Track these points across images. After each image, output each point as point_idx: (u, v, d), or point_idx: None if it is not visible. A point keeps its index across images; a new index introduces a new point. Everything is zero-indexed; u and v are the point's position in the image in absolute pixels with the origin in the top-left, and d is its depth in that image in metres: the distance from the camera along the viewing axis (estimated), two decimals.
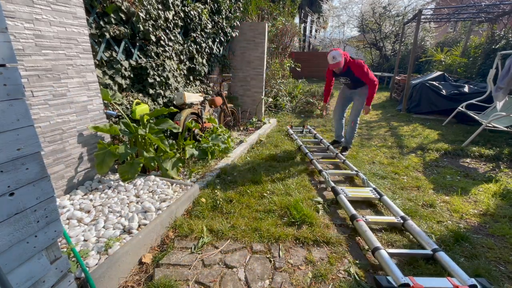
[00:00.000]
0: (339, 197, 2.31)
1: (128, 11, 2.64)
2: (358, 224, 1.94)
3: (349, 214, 2.09)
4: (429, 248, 1.71)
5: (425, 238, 1.79)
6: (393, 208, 2.16)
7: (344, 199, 2.26)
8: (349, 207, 2.15)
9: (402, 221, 1.99)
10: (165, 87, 3.32)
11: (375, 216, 2.12)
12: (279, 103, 6.39)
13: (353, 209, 2.10)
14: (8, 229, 0.88)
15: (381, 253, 1.63)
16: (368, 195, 2.39)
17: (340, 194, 2.33)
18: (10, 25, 1.63)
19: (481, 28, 8.62)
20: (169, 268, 1.62)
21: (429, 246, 1.72)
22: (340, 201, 2.28)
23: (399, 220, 2.01)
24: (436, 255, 1.65)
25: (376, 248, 1.67)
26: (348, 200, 2.27)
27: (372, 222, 2.02)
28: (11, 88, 0.86)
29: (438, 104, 5.66)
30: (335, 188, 2.46)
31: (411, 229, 1.91)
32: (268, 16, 6.98)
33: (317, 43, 21.30)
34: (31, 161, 0.93)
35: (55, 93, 1.95)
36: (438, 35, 13.20)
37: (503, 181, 2.78)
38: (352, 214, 2.04)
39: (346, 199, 2.27)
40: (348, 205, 2.18)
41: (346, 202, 2.22)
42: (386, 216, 2.16)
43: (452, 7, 6.36)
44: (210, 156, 3.08)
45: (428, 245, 1.74)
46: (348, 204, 2.18)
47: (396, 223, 2.01)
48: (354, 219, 1.99)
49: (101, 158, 2.20)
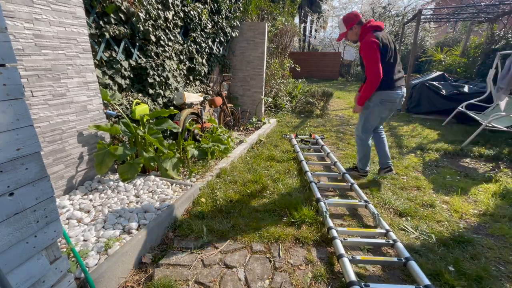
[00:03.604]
0: (341, 261, 1.60)
1: (128, 11, 2.64)
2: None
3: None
4: None
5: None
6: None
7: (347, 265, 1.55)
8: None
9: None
10: (165, 87, 3.32)
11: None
12: (279, 103, 6.39)
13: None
14: (8, 229, 0.88)
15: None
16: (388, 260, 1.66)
17: (344, 257, 1.59)
18: (9, 25, 1.63)
19: (481, 28, 8.63)
20: (168, 268, 1.61)
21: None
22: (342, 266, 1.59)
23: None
24: None
25: None
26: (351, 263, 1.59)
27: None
28: (10, 88, 0.85)
29: (438, 104, 5.67)
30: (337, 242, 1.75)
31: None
32: (268, 16, 6.98)
33: (317, 43, 21.32)
34: (30, 161, 0.93)
35: (54, 93, 1.95)
36: (438, 35, 13.21)
37: (502, 181, 2.78)
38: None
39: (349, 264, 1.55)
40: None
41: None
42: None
43: (452, 7, 6.36)
44: (210, 156, 3.08)
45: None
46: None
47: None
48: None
49: (101, 158, 2.20)
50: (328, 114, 6.22)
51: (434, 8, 7.31)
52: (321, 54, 15.69)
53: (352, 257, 1.65)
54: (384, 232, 1.89)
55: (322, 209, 2.09)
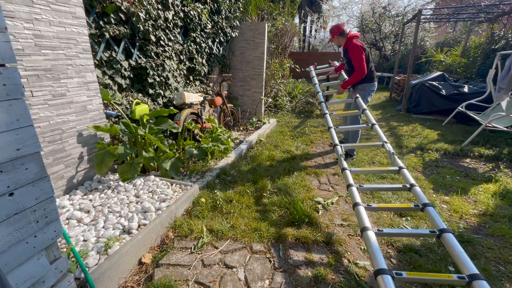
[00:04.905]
0: (356, 209, 1.71)
1: (128, 11, 2.64)
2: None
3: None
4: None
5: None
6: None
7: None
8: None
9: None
10: (164, 87, 3.32)
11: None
12: (278, 103, 6.39)
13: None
14: (8, 229, 0.88)
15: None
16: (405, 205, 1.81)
17: (359, 205, 1.70)
18: (9, 25, 1.63)
19: (481, 28, 8.63)
20: (168, 268, 1.61)
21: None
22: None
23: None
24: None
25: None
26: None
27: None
28: (10, 88, 0.85)
29: (438, 104, 5.66)
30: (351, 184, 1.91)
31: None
32: (268, 16, 6.98)
33: (317, 43, 21.32)
34: (30, 161, 0.93)
35: (54, 93, 1.95)
36: (438, 35, 13.21)
37: (502, 181, 2.78)
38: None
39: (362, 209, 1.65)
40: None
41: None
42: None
43: (451, 7, 6.36)
44: (210, 156, 3.08)
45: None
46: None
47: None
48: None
49: (101, 158, 2.20)
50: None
51: (434, 8, 7.30)
52: (321, 54, 15.68)
53: (368, 205, 1.70)
54: (397, 170, 2.01)
55: (338, 152, 2.33)
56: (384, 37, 13.25)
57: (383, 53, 13.39)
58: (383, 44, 13.35)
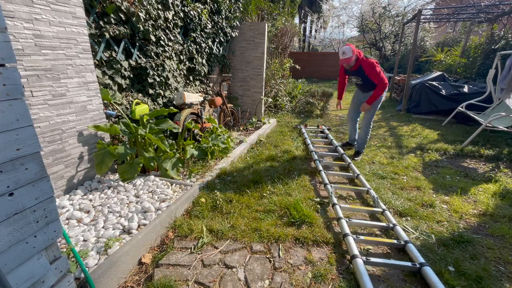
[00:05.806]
0: (346, 239, 1.83)
1: (128, 11, 2.64)
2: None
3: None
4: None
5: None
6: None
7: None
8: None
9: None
10: (164, 87, 3.32)
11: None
12: (279, 103, 6.39)
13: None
14: (8, 229, 0.88)
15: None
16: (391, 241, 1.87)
17: (349, 236, 1.83)
18: (9, 25, 1.63)
19: (481, 28, 8.63)
20: (168, 268, 1.61)
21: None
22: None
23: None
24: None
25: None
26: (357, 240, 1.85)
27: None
28: (10, 88, 0.85)
29: (438, 104, 5.67)
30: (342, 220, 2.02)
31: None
32: (268, 16, 6.98)
33: (317, 43, 21.33)
34: (30, 161, 0.93)
35: (54, 93, 1.95)
36: (438, 35, 13.22)
37: (502, 181, 2.78)
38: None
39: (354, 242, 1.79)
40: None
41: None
42: None
43: (451, 7, 6.36)
44: (210, 156, 3.08)
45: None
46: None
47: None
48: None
49: (101, 158, 2.20)
50: (328, 114, 6.23)
51: (434, 8, 7.30)
52: (321, 54, 15.71)
53: (356, 236, 1.88)
54: (381, 211, 2.21)
55: (329, 191, 2.46)
56: (384, 37, 13.25)
57: (383, 53, 13.39)
58: (383, 44, 13.35)
